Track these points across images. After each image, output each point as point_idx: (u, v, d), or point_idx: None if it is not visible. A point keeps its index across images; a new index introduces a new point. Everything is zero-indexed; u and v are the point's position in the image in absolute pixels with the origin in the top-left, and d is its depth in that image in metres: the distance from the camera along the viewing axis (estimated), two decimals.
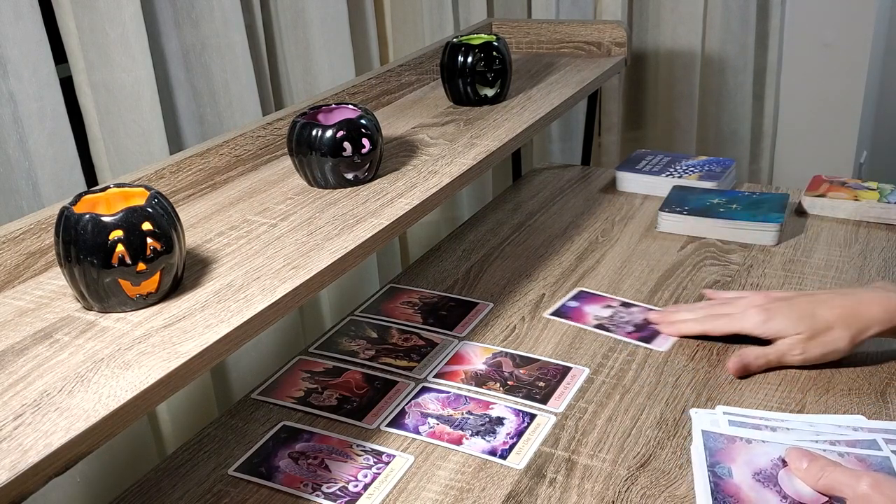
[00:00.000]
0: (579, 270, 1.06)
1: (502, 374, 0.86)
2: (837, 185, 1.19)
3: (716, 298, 0.93)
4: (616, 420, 0.79)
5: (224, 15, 1.12)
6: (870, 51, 1.99)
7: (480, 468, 0.73)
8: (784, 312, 0.84)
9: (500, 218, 1.23)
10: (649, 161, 1.32)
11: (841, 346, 0.81)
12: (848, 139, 2.08)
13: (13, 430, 0.52)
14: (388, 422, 0.80)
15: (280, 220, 0.82)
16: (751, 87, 2.03)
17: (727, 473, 0.68)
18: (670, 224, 1.14)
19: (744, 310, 0.86)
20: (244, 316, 0.64)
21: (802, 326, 0.82)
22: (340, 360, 0.90)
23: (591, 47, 1.40)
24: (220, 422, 0.82)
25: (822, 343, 0.82)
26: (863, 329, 0.81)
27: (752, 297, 0.88)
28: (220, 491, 0.73)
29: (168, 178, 0.85)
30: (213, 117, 1.15)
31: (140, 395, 0.55)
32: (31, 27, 0.91)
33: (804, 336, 0.82)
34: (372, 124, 0.89)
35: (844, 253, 1.06)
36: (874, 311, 0.80)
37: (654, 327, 0.91)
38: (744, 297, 0.89)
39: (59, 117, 0.96)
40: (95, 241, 0.63)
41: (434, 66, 1.27)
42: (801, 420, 0.76)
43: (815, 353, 0.82)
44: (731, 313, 0.87)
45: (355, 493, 0.71)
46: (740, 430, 0.74)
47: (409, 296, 1.03)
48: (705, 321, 0.89)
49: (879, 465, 0.68)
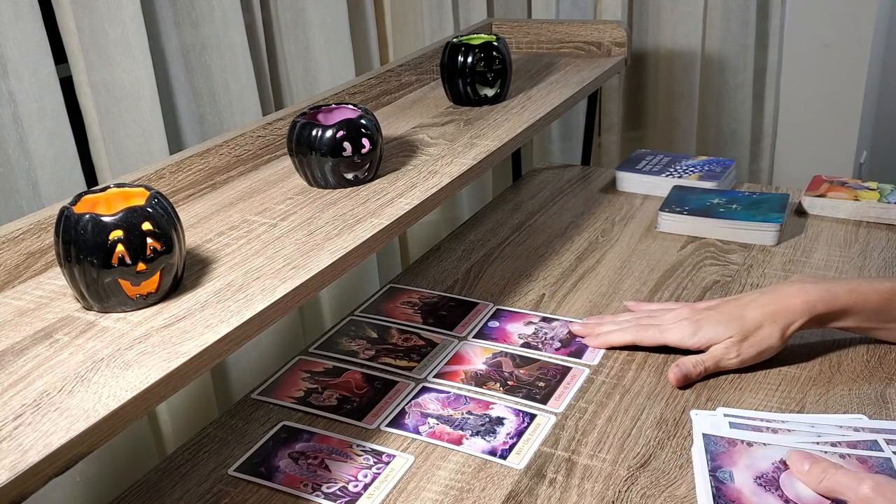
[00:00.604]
0: (579, 270, 1.06)
1: (502, 374, 0.86)
2: (837, 185, 1.19)
3: (639, 310, 0.93)
4: (616, 420, 0.78)
5: (224, 15, 1.12)
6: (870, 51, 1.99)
7: (480, 468, 0.73)
8: (712, 320, 0.84)
9: (500, 218, 1.23)
10: (649, 161, 1.32)
11: (773, 342, 0.82)
12: (848, 139, 2.08)
13: (13, 430, 0.52)
14: (388, 422, 0.80)
15: (280, 220, 0.82)
16: (751, 87, 2.03)
17: (728, 478, 0.68)
18: (670, 224, 1.14)
19: (672, 322, 0.86)
20: (244, 316, 0.64)
21: (732, 330, 0.83)
22: (340, 360, 0.90)
23: (591, 47, 1.40)
24: (220, 422, 0.82)
25: (755, 343, 0.82)
26: (790, 322, 0.82)
27: (678, 311, 0.88)
28: (220, 491, 0.73)
29: (168, 178, 0.85)
30: (213, 117, 1.15)
31: (140, 395, 0.55)
32: (31, 27, 0.91)
33: (736, 339, 0.82)
34: (372, 124, 0.89)
35: (844, 253, 1.06)
36: (797, 304, 0.82)
37: (580, 341, 0.91)
38: (670, 310, 0.89)
39: (59, 117, 0.96)
40: (95, 241, 0.63)
41: (434, 66, 1.27)
42: (803, 421, 0.76)
43: (750, 353, 0.82)
44: (659, 325, 0.87)
45: (355, 493, 0.71)
46: (741, 432, 0.74)
47: (409, 296, 1.03)
48: (633, 331, 0.88)
49: (881, 466, 0.68)
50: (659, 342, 0.86)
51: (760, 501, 0.66)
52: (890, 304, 0.82)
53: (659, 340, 0.86)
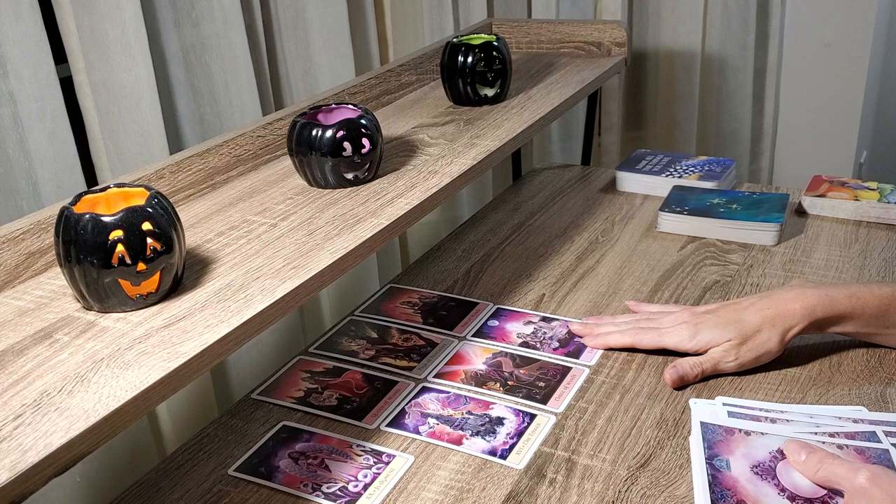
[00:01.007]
0: (579, 270, 1.06)
1: (502, 374, 0.86)
2: (837, 185, 1.19)
3: (639, 311, 0.93)
4: (616, 420, 0.79)
5: (224, 15, 1.12)
6: (870, 51, 1.99)
7: (480, 468, 0.73)
8: (710, 323, 0.84)
9: (500, 218, 1.23)
10: (649, 161, 1.32)
11: (771, 346, 0.82)
12: (848, 139, 2.08)
13: (13, 430, 0.52)
14: (388, 422, 0.80)
15: (280, 220, 0.82)
16: (751, 87, 2.03)
17: (725, 466, 0.69)
18: (670, 224, 1.14)
19: (671, 326, 0.86)
20: (244, 316, 0.64)
21: (731, 333, 0.82)
22: (340, 360, 0.90)
23: (591, 47, 1.40)
24: (220, 422, 0.82)
25: (754, 347, 0.82)
26: (788, 327, 0.82)
27: (678, 314, 0.88)
28: (220, 491, 0.73)
29: (168, 178, 0.85)
30: (213, 117, 1.15)
31: (140, 395, 0.55)
32: (31, 27, 0.91)
33: (735, 342, 0.82)
34: (372, 124, 0.89)
35: (844, 253, 1.06)
36: (796, 308, 0.82)
37: (578, 341, 0.90)
38: (670, 313, 0.89)
39: (59, 117, 0.96)
40: (95, 241, 0.63)
41: (434, 66, 1.27)
42: (801, 411, 0.76)
43: (749, 357, 0.82)
44: (658, 328, 0.87)
45: (355, 493, 0.71)
46: (739, 421, 0.74)
47: (409, 296, 1.03)
48: (632, 333, 0.88)
49: (879, 457, 0.68)
50: (658, 345, 0.86)
51: (756, 490, 0.66)
52: (889, 308, 0.82)
53: (658, 343, 0.86)
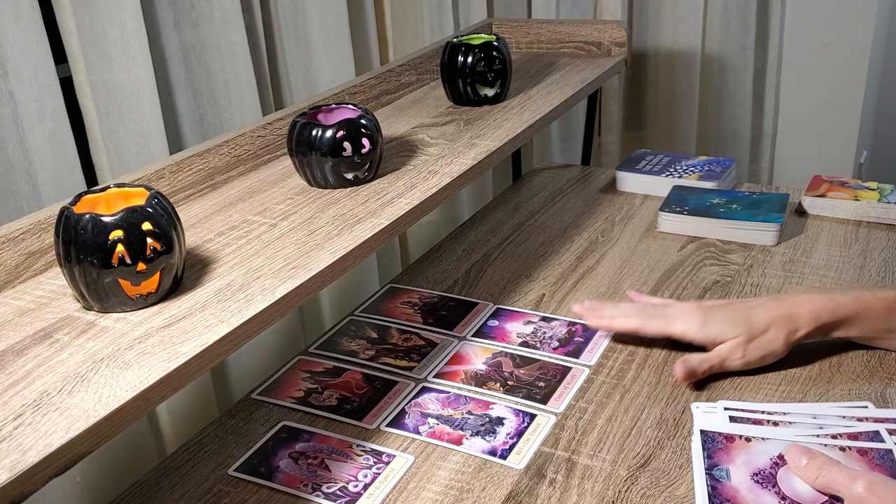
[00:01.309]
0: (579, 270, 1.06)
1: (502, 374, 0.86)
2: (837, 185, 1.19)
3: (640, 301, 0.93)
4: (616, 420, 0.78)
5: (224, 15, 1.12)
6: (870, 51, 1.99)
7: (480, 468, 0.73)
8: (720, 317, 0.84)
9: (500, 218, 1.23)
10: (649, 161, 1.32)
11: (777, 347, 0.82)
12: (848, 139, 2.08)
13: (13, 430, 0.52)
14: (388, 422, 0.80)
15: (280, 220, 0.82)
16: (751, 87, 2.03)
17: (725, 476, 0.68)
18: (670, 224, 1.14)
19: (679, 314, 0.86)
20: (244, 316, 0.64)
21: (740, 329, 0.82)
22: (340, 360, 0.90)
23: (591, 47, 1.40)
24: (220, 422, 0.82)
25: (761, 345, 0.82)
26: (794, 329, 0.82)
27: (686, 304, 0.88)
28: (220, 491, 0.73)
29: (168, 178, 0.85)
30: (213, 117, 1.15)
31: (140, 395, 0.55)
32: (31, 27, 0.92)
33: (742, 339, 0.82)
34: (372, 124, 0.89)
35: (844, 253, 1.06)
36: (802, 312, 0.82)
37: (578, 341, 0.90)
38: (675, 304, 0.89)
39: (59, 117, 0.96)
40: (95, 241, 0.63)
41: (434, 66, 1.27)
42: (805, 411, 0.76)
43: (755, 355, 0.82)
44: (665, 315, 0.87)
45: (355, 493, 0.71)
46: (740, 426, 0.74)
47: (409, 296, 1.03)
48: (638, 319, 0.87)
49: (882, 458, 0.68)
50: (664, 332, 0.86)
51: (756, 499, 0.66)
52: (893, 312, 0.82)
53: (664, 330, 0.86)
